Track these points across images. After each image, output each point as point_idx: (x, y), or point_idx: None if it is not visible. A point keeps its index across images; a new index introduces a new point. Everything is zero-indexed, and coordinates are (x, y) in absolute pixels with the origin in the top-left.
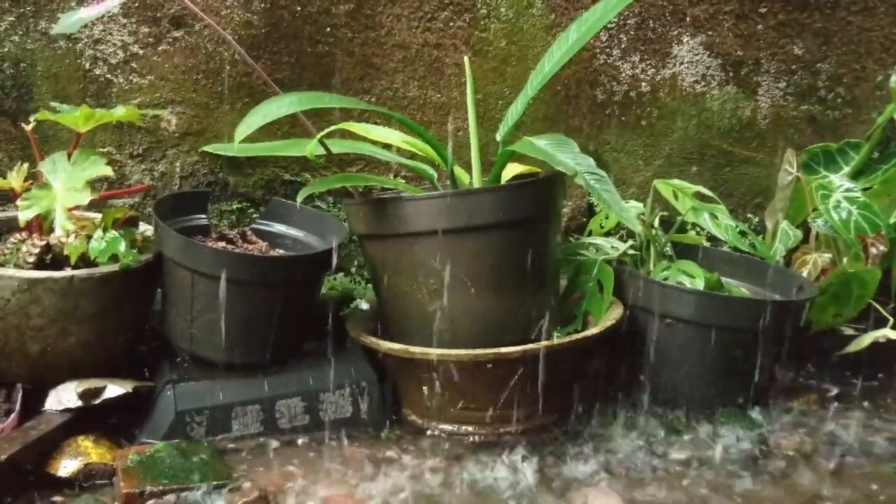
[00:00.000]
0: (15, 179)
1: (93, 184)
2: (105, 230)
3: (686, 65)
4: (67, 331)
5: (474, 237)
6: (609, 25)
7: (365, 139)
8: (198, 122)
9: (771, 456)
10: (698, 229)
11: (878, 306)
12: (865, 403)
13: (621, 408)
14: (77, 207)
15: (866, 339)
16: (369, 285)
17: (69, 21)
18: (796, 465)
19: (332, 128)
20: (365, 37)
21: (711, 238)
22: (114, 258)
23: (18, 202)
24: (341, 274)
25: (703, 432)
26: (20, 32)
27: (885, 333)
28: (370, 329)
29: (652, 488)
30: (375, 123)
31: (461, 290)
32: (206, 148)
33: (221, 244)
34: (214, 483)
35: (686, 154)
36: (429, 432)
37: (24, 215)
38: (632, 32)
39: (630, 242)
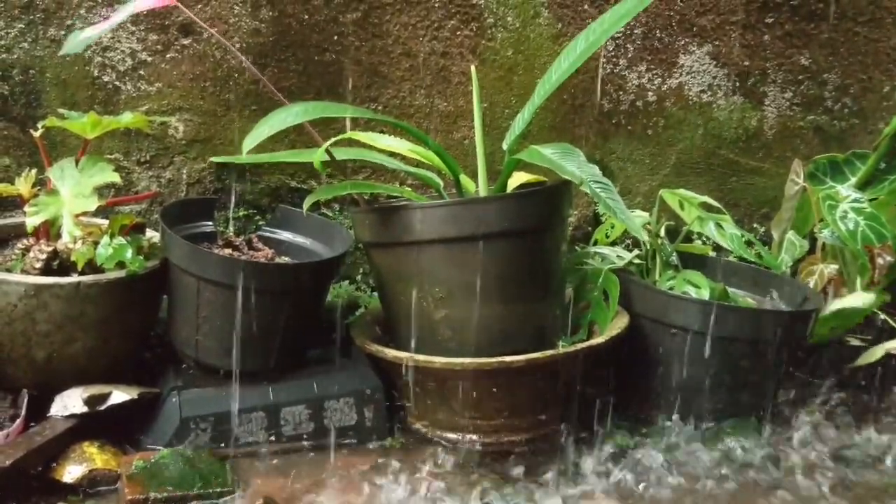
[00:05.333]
0: (23, 185)
1: (100, 190)
2: (112, 236)
3: (692, 74)
4: (73, 337)
5: (480, 246)
6: (615, 35)
7: (371, 147)
8: (205, 130)
9: (777, 467)
10: (704, 239)
11: (885, 316)
12: (872, 414)
13: (626, 417)
14: (84, 213)
15: (878, 352)
16: (375, 293)
17: (74, 41)
18: (802, 476)
19: (339, 137)
20: (372, 45)
21: (717, 248)
22: (120, 264)
23: (26, 208)
24: (347, 282)
25: (708, 443)
26: (29, 39)
27: None
28: (375, 337)
29: (655, 499)
30: (381, 132)
31: (466, 299)
32: (213, 159)
33: (227, 251)
34: (218, 490)
35: (692, 164)
36: (433, 441)
37: (31, 221)
38: (638, 42)
39: (636, 252)
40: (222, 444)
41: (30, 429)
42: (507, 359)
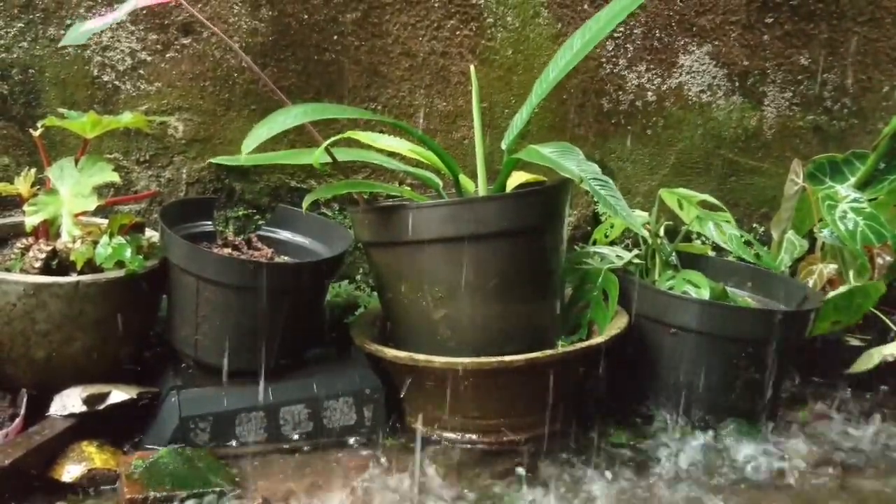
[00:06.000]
0: (22, 185)
1: (99, 190)
2: (111, 236)
3: (692, 74)
4: (73, 336)
5: (479, 245)
6: (615, 35)
7: (371, 147)
8: (205, 129)
9: (775, 466)
10: (703, 239)
11: (883, 317)
12: (871, 414)
13: (626, 417)
14: (84, 213)
15: (875, 357)
16: (374, 293)
17: (76, 33)
18: (800, 476)
19: (339, 136)
20: (372, 45)
21: (717, 248)
22: (119, 264)
23: (25, 207)
24: (346, 281)
25: (707, 443)
26: (29, 39)
27: (894, 352)
28: (374, 336)
29: (655, 498)
30: (381, 132)
31: (466, 299)
32: (213, 160)
33: (227, 251)
34: (218, 489)
35: (692, 163)
36: (433, 440)
37: (30, 220)
38: (638, 42)
39: (635, 251)
40: (221, 444)
41: (29, 428)
42: (507, 358)
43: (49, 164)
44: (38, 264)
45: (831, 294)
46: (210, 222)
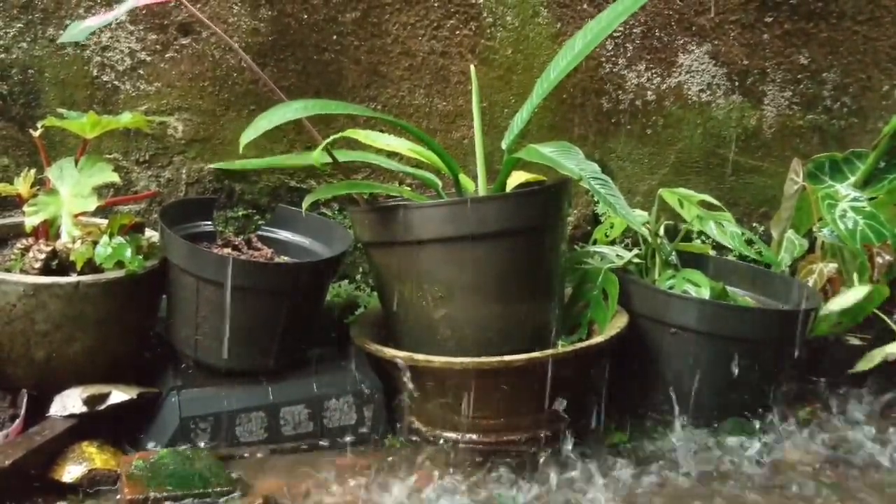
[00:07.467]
0: (22, 185)
1: (99, 190)
2: (111, 236)
3: (692, 74)
4: (73, 337)
5: (479, 245)
6: (614, 34)
7: (370, 147)
8: (204, 129)
9: (774, 466)
10: (703, 238)
11: (884, 317)
12: (871, 414)
13: (626, 417)
14: (83, 213)
15: (877, 357)
16: (374, 293)
17: (76, 30)
18: (800, 476)
19: (338, 135)
20: (371, 45)
21: (717, 247)
22: (119, 264)
23: (25, 208)
24: (346, 281)
25: (707, 442)
26: (28, 39)
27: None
28: (375, 336)
29: (655, 497)
30: (381, 131)
31: (466, 298)
32: (212, 165)
33: (227, 251)
34: (218, 490)
35: (692, 163)
36: (433, 440)
37: (30, 221)
38: (637, 41)
39: (635, 251)
40: (222, 444)
41: (29, 429)
42: (507, 358)
43: (49, 165)
44: (37, 265)
45: (839, 307)
46: (210, 222)
